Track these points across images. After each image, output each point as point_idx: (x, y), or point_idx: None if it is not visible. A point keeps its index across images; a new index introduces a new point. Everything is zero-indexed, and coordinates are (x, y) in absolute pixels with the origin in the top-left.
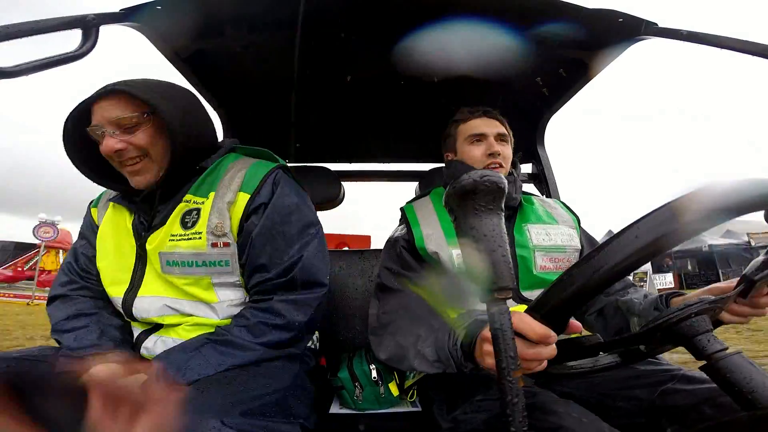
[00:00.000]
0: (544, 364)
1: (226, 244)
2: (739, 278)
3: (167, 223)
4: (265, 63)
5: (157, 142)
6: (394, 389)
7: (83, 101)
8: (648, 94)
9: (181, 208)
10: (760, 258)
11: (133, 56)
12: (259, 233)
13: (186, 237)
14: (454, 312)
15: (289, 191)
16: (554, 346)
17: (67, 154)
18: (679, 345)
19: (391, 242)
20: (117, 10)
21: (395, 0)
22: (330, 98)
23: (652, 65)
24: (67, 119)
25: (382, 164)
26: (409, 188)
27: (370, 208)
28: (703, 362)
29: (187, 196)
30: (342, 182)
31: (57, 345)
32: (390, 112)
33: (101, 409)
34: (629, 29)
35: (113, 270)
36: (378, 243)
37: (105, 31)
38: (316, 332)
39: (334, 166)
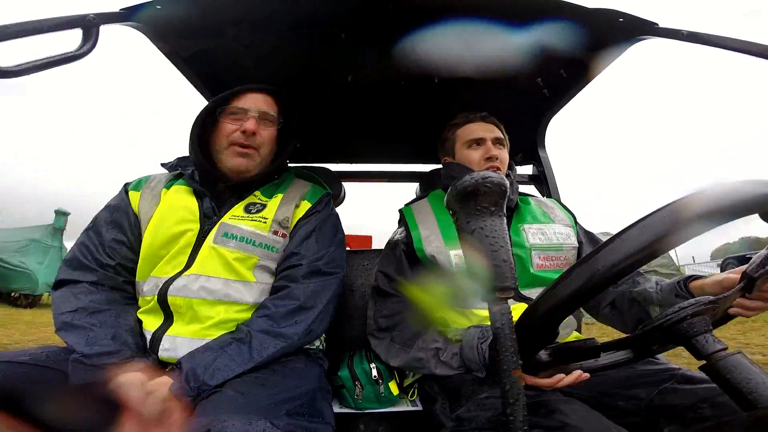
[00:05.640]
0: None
1: (284, 235)
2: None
3: (233, 209)
4: (266, 63)
5: (270, 144)
6: (394, 388)
7: (237, 89)
8: (649, 94)
9: (248, 200)
10: (762, 252)
11: (134, 55)
12: (306, 229)
13: (249, 219)
14: (451, 315)
15: (332, 209)
16: (560, 375)
17: (192, 128)
18: (679, 345)
19: (391, 245)
20: (117, 9)
21: (396, 1)
22: (331, 99)
23: (652, 65)
24: (216, 99)
25: (382, 165)
26: (410, 188)
27: (371, 209)
28: (703, 362)
29: (256, 192)
30: (343, 183)
31: (60, 344)
32: (391, 112)
33: (136, 421)
34: (630, 29)
35: (174, 253)
36: (379, 243)
37: (105, 30)
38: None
39: (334, 167)
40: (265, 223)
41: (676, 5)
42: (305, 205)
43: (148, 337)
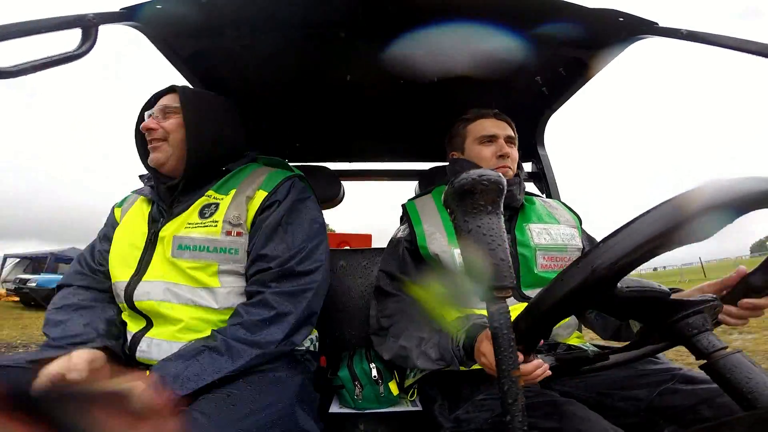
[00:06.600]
0: (538, 372)
1: (240, 234)
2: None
3: (186, 212)
4: (265, 63)
5: (178, 131)
6: (394, 388)
7: (156, 93)
8: (648, 93)
9: (201, 202)
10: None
11: (134, 55)
12: (269, 225)
13: (202, 225)
14: (452, 314)
15: (301, 192)
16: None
17: (135, 135)
18: (679, 344)
19: (394, 243)
20: (117, 9)
21: (396, 1)
22: (330, 98)
23: (652, 64)
24: (142, 107)
25: (381, 163)
26: (410, 188)
27: (371, 208)
28: (703, 361)
29: (209, 192)
30: (342, 181)
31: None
32: (390, 111)
33: (97, 421)
34: (629, 28)
35: (123, 255)
36: (378, 242)
37: (104, 30)
38: (315, 332)
39: (333, 166)
40: (216, 225)
41: (667, 6)
42: (260, 195)
43: (129, 338)
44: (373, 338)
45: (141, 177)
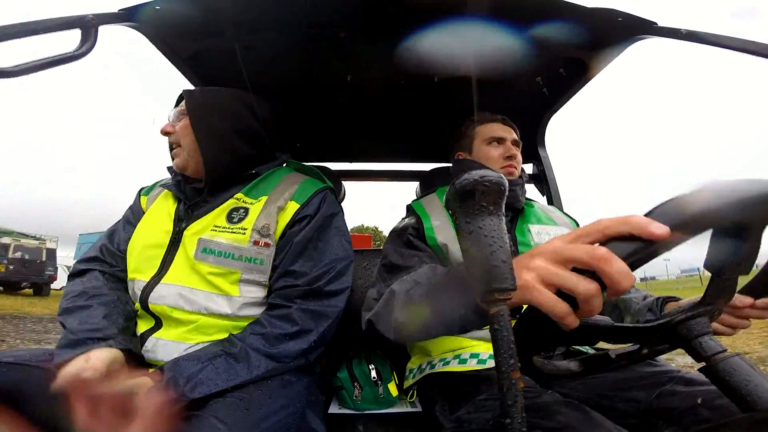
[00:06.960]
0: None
1: (267, 245)
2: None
3: (212, 213)
4: (266, 63)
5: (188, 134)
6: (393, 389)
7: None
8: (648, 93)
9: (229, 204)
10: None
11: (135, 55)
12: (299, 241)
13: (230, 230)
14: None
15: (332, 209)
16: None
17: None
18: (679, 347)
19: (398, 231)
20: (116, 10)
21: (396, 1)
22: (330, 98)
23: (651, 64)
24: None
25: (382, 164)
26: (410, 189)
27: (371, 209)
28: (703, 364)
29: (238, 195)
30: (343, 181)
31: (50, 347)
32: (390, 111)
33: (88, 415)
34: (629, 28)
35: (146, 255)
36: (378, 243)
37: (104, 31)
38: None
39: (334, 166)
40: (245, 233)
41: (662, 7)
42: (292, 207)
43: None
44: (364, 314)
45: (169, 169)
